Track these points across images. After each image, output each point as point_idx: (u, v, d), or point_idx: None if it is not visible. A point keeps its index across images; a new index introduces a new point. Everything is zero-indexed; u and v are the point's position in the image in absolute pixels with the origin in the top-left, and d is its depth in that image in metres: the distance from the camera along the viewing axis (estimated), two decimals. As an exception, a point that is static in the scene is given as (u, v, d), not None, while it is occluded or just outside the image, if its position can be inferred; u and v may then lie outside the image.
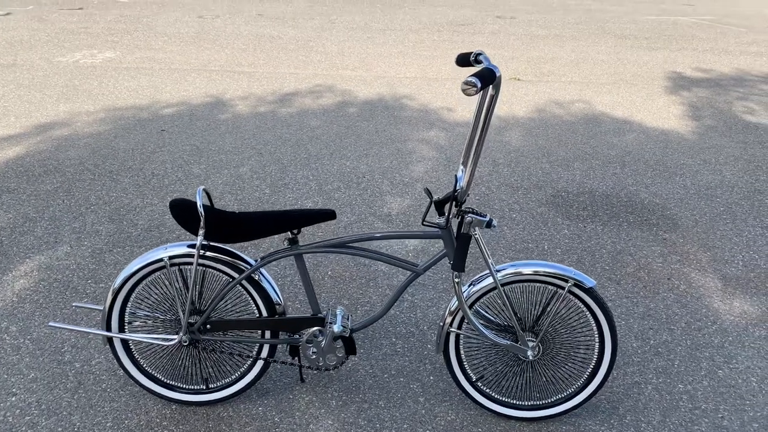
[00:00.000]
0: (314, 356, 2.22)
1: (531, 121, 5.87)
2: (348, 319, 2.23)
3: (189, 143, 4.97)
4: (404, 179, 4.41)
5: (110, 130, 5.19)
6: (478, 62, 2.01)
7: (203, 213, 2.00)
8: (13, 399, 2.32)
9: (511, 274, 2.11)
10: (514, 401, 2.32)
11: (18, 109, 5.69)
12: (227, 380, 2.32)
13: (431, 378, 2.51)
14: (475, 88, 1.63)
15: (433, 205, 2.07)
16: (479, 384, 2.32)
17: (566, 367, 2.32)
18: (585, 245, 3.59)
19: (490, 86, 1.81)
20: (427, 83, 7.17)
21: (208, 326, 2.18)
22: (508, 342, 2.16)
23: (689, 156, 5.05)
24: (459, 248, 2.05)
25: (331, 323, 2.17)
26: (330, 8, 13.12)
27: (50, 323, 2.14)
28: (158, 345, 2.21)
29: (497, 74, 1.74)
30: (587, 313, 2.16)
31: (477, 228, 2.03)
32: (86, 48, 8.33)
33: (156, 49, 8.48)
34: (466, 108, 6.19)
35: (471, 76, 1.64)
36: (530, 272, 2.09)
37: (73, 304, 2.25)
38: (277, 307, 2.20)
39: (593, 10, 14.51)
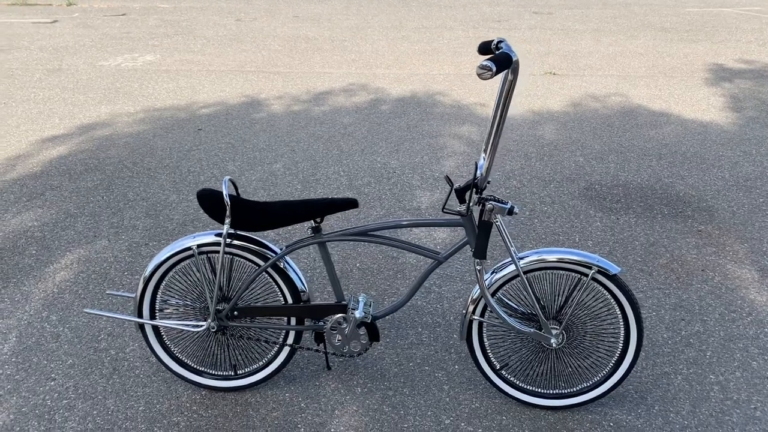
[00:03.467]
0: (339, 343, 2.26)
1: (565, 114, 5.81)
2: (370, 305, 2.25)
3: (224, 141, 5.07)
4: (435, 174, 4.42)
5: (149, 130, 5.33)
6: (499, 49, 2.01)
7: (229, 202, 2.04)
8: (52, 383, 2.42)
9: (534, 261, 2.10)
10: (539, 389, 2.31)
11: (62, 110, 5.89)
12: (255, 366, 2.37)
13: (456, 367, 2.52)
14: (490, 72, 1.64)
15: (454, 192, 2.07)
16: (503, 372, 2.32)
17: (591, 355, 2.30)
18: (617, 237, 3.55)
19: (509, 72, 1.81)
20: (461, 80, 7.15)
21: (235, 313, 2.23)
22: (532, 330, 2.15)
23: (729, 148, 4.93)
24: (480, 236, 2.06)
25: (353, 309, 2.20)
26: (365, 8, 13.20)
27: (85, 310, 2.23)
28: (188, 331, 2.27)
29: (514, 58, 1.75)
30: (612, 300, 2.14)
31: (499, 215, 2.03)
32: (128, 52, 8.57)
33: (195, 51, 8.67)
34: (499, 103, 6.16)
35: (486, 60, 1.65)
36: (553, 259, 2.09)
37: (108, 291, 2.33)
38: (302, 294, 2.24)
39: (632, 3, 14.25)
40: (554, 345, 2.16)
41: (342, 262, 3.28)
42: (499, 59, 1.68)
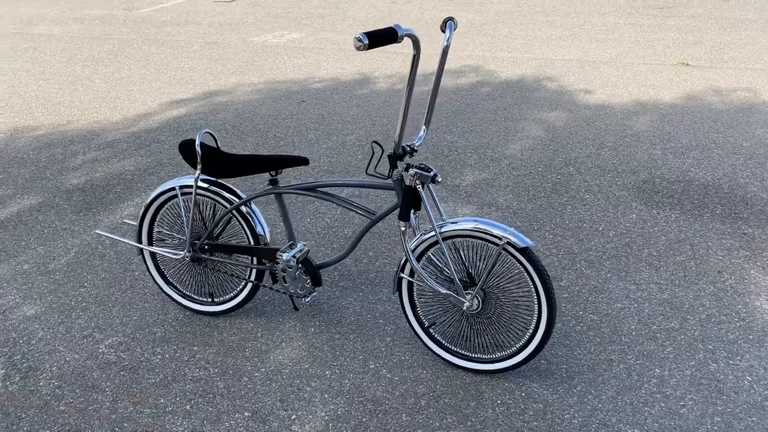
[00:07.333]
0: (287, 283, 2.56)
1: (672, 107, 5.49)
2: (301, 252, 2.52)
3: (318, 113, 5.52)
4: (495, 155, 4.50)
5: (260, 99, 5.95)
6: (446, 27, 2.18)
7: (200, 151, 2.43)
8: (82, 290, 3.00)
9: (451, 229, 2.24)
10: (461, 351, 2.44)
11: (199, 78, 6.72)
12: (226, 297, 2.76)
13: (408, 324, 2.71)
14: (362, 44, 1.84)
15: (387, 158, 2.28)
16: (431, 330, 2.48)
17: (510, 325, 2.38)
18: (645, 231, 3.44)
19: (417, 48, 1.97)
20: (580, 66, 6.96)
21: (206, 247, 2.62)
22: (448, 291, 2.30)
23: (841, 152, 4.41)
24: (403, 199, 2.25)
25: (282, 253, 2.49)
26: (524, -7, 13.01)
27: (96, 231, 2.75)
28: (169, 258, 2.71)
29: (399, 34, 1.91)
30: (525, 274, 2.22)
31: (422, 182, 2.21)
32: (279, 30, 9.38)
33: (338, 31, 9.26)
34: (606, 91, 5.96)
35: (362, 32, 1.85)
36: (467, 228, 2.21)
37: (124, 220, 2.84)
38: (261, 237, 2.58)
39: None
40: (466, 308, 2.28)
41: (356, 226, 3.56)
42: (376, 34, 1.86)
